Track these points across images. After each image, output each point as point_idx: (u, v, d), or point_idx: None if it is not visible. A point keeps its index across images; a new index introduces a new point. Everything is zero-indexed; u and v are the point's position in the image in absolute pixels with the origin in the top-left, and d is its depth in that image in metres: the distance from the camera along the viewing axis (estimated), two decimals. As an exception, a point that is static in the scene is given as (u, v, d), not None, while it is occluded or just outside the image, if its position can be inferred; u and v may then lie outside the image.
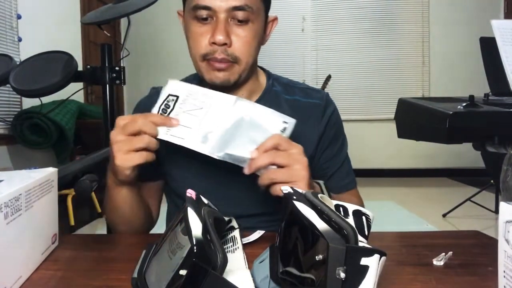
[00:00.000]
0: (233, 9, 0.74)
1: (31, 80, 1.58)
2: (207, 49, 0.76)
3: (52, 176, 0.57)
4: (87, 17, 1.66)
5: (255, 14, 0.76)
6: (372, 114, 4.67)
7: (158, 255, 0.45)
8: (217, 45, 0.74)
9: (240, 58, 0.77)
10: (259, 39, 0.80)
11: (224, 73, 0.77)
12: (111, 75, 1.61)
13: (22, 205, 0.46)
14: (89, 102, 3.87)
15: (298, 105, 0.86)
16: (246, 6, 0.74)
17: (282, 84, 0.91)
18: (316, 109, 0.87)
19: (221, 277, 0.37)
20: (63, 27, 3.56)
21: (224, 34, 0.73)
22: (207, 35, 0.75)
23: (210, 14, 0.74)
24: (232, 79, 0.78)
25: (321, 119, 0.87)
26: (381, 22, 4.74)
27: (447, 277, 0.49)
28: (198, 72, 0.81)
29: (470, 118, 1.71)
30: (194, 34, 0.77)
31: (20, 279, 0.47)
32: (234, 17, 0.75)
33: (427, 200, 3.69)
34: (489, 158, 2.87)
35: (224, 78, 0.77)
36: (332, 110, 0.89)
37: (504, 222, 0.38)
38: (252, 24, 0.76)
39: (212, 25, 0.75)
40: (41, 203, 0.52)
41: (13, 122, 2.74)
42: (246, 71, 0.80)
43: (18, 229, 0.45)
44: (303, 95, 0.89)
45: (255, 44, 0.79)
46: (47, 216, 0.56)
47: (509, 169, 0.46)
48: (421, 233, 0.68)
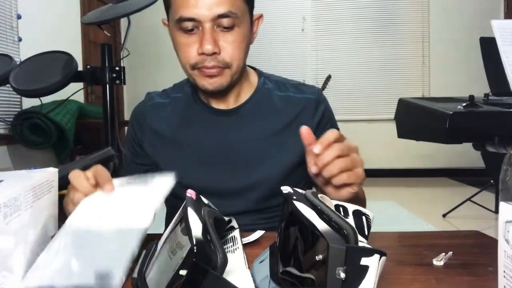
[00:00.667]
0: (218, 17, 0.74)
1: (31, 80, 1.58)
2: (196, 59, 0.76)
3: (52, 177, 0.57)
4: (87, 17, 1.66)
5: (240, 18, 0.76)
6: (372, 114, 4.67)
7: (158, 255, 0.45)
8: (206, 55, 0.75)
9: (231, 63, 0.77)
10: (247, 41, 0.80)
11: (216, 79, 0.78)
12: (111, 75, 1.61)
13: (22, 205, 0.46)
14: (89, 102, 3.87)
15: (291, 101, 0.88)
16: (230, 13, 0.74)
17: (274, 81, 0.92)
18: (309, 103, 0.88)
19: (221, 277, 0.37)
20: (63, 27, 3.56)
21: (212, 44, 0.74)
22: (195, 45, 0.76)
23: (195, 25, 0.75)
24: (225, 83, 0.79)
25: (315, 113, 0.87)
26: (381, 22, 4.73)
27: (447, 277, 0.49)
28: (190, 78, 0.82)
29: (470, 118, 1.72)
30: (181, 45, 0.77)
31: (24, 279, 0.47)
32: (220, 25, 0.75)
33: (427, 200, 3.69)
34: (489, 158, 2.87)
35: (217, 84, 0.78)
36: (325, 106, 0.90)
37: (504, 222, 0.38)
38: (239, 28, 0.77)
39: (199, 35, 0.75)
40: (41, 203, 0.52)
41: (13, 122, 2.74)
42: (237, 73, 0.81)
43: (18, 229, 0.45)
44: (296, 90, 0.90)
45: (244, 46, 0.79)
46: (47, 216, 0.56)
47: (509, 169, 0.46)
48: (421, 233, 0.68)
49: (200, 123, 0.87)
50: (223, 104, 0.87)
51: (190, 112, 0.88)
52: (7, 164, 2.85)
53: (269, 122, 0.86)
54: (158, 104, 0.91)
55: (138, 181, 0.63)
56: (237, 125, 0.86)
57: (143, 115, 0.90)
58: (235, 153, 0.84)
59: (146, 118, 0.89)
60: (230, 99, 0.86)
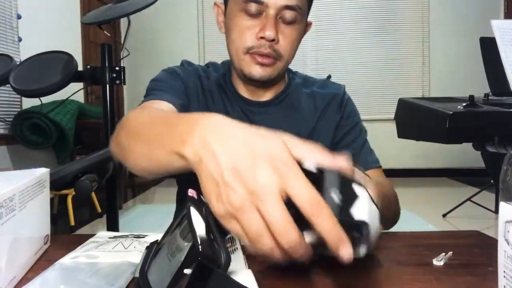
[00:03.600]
0: (284, 7, 0.74)
1: (31, 80, 1.58)
2: (253, 43, 0.76)
3: (44, 177, 0.57)
4: (87, 17, 1.66)
5: (301, 15, 0.76)
6: (372, 114, 4.67)
7: (158, 256, 0.45)
8: (265, 40, 0.74)
9: (284, 56, 0.77)
10: (300, 39, 0.81)
11: (266, 69, 0.77)
12: (111, 75, 1.61)
13: (16, 205, 0.46)
14: (89, 102, 3.87)
15: (317, 96, 0.88)
16: (296, 6, 0.74)
17: (301, 77, 0.93)
18: (334, 98, 0.88)
19: (227, 275, 0.37)
20: (63, 27, 3.56)
21: (274, 31, 0.73)
22: (254, 29, 0.75)
23: (260, 9, 0.74)
24: (273, 75, 0.79)
25: (340, 108, 0.88)
26: (381, 22, 4.74)
27: (447, 277, 0.49)
28: (238, 64, 0.80)
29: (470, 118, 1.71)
30: (240, 27, 0.76)
31: (14, 280, 0.47)
32: (282, 16, 0.75)
33: (427, 200, 3.69)
34: (489, 158, 2.87)
35: (264, 74, 0.77)
36: (348, 101, 0.90)
37: (504, 222, 0.38)
38: (298, 25, 0.77)
39: (261, 20, 0.75)
40: (34, 204, 0.52)
41: (13, 122, 2.74)
42: (285, 68, 0.81)
43: (13, 229, 0.45)
44: (321, 87, 0.91)
45: (297, 44, 0.80)
46: (40, 216, 0.56)
47: (509, 169, 0.46)
48: (421, 233, 0.68)
49: (232, 110, 0.85)
50: (254, 95, 0.86)
51: (223, 96, 0.86)
52: (7, 164, 2.85)
53: (296, 121, 0.86)
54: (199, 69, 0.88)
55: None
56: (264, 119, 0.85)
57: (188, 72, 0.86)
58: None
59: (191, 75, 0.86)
60: (264, 92, 0.86)
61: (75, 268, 0.52)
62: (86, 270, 0.51)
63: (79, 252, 0.57)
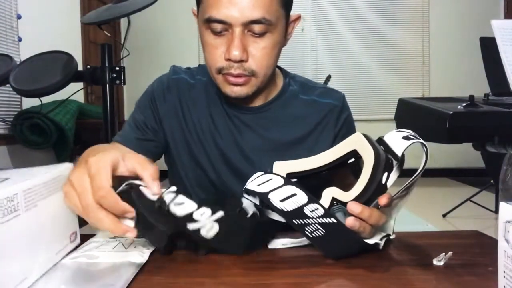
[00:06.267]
0: (250, 22, 0.69)
1: (31, 80, 1.58)
2: (223, 63, 0.72)
3: (66, 172, 0.55)
4: (87, 17, 1.66)
5: (273, 25, 0.71)
6: (372, 114, 4.66)
7: None
8: (232, 61, 0.71)
9: (257, 72, 0.73)
10: (279, 47, 0.76)
11: (241, 88, 0.74)
12: (111, 75, 1.61)
13: (20, 205, 0.45)
14: (89, 102, 3.87)
15: (315, 105, 0.86)
16: (263, 19, 0.69)
17: (299, 83, 0.89)
18: (333, 109, 0.86)
19: None
20: (63, 27, 3.56)
21: (240, 50, 0.69)
22: (222, 48, 0.71)
23: (225, 27, 0.70)
24: (251, 91, 0.76)
25: (337, 121, 0.87)
26: (381, 22, 4.73)
27: (447, 277, 0.49)
28: (214, 81, 0.78)
29: (470, 118, 1.71)
30: (209, 46, 0.73)
31: (26, 281, 0.46)
32: (251, 30, 0.70)
33: (427, 200, 3.69)
34: (489, 158, 2.87)
35: (240, 92, 0.75)
36: (347, 114, 0.89)
37: (504, 222, 0.38)
38: (271, 34, 0.72)
39: (228, 37, 0.70)
40: (49, 202, 0.51)
41: (13, 122, 2.74)
42: (264, 82, 0.77)
43: (16, 230, 0.44)
44: (320, 95, 0.88)
45: (274, 54, 0.75)
46: (59, 214, 0.54)
47: (509, 169, 0.46)
48: (421, 233, 0.68)
49: (218, 116, 0.84)
50: (242, 101, 0.83)
51: (210, 101, 0.85)
52: (7, 164, 2.85)
53: (289, 128, 0.84)
54: (183, 80, 0.87)
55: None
56: (255, 126, 0.84)
57: (168, 88, 0.85)
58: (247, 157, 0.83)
59: (171, 91, 0.85)
60: (253, 99, 0.84)
61: (76, 268, 0.52)
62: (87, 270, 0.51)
63: (80, 252, 0.57)
